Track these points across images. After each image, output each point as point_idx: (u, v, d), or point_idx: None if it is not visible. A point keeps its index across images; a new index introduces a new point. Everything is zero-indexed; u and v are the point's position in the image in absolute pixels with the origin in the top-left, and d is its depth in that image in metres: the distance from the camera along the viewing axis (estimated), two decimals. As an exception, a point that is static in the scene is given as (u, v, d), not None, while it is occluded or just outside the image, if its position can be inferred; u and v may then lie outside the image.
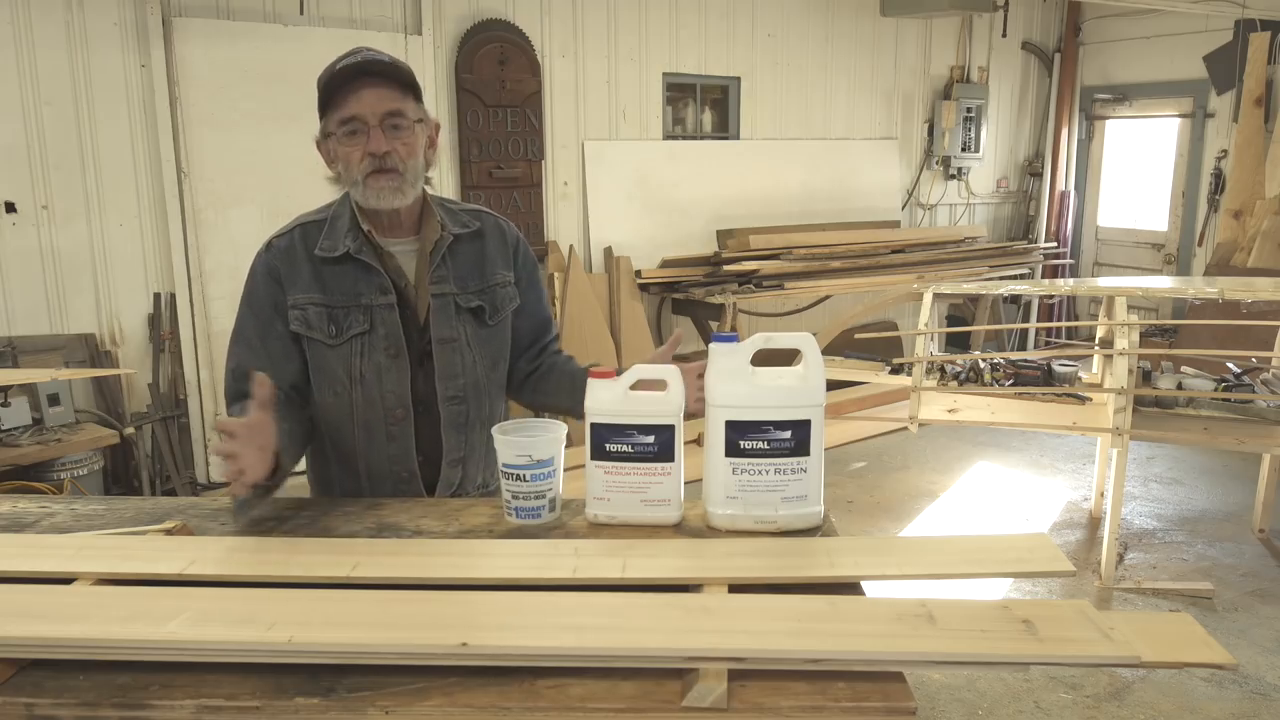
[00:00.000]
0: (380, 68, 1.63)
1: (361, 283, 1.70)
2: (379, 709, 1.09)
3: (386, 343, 1.71)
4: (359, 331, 1.70)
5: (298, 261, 1.71)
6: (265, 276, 1.72)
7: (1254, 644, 3.29)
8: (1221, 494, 4.73)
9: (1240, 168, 6.44)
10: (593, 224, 5.79)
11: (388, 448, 1.75)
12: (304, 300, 1.70)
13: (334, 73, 1.62)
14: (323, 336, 1.70)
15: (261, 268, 1.73)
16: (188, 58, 4.46)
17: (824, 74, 6.64)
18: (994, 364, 4.05)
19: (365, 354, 1.71)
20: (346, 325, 1.70)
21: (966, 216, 7.60)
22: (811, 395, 1.51)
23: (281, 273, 1.71)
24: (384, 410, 1.73)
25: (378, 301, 1.70)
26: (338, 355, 1.71)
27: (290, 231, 1.74)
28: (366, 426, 1.74)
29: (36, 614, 1.23)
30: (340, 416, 1.74)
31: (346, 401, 1.73)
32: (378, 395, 1.72)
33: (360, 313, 1.70)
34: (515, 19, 5.34)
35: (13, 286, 4.25)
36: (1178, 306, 6.74)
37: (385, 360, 1.71)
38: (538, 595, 1.28)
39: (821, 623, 1.20)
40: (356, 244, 1.69)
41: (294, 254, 1.71)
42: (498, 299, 1.81)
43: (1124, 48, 7.33)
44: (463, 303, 1.76)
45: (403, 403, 1.73)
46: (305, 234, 1.73)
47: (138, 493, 4.40)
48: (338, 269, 1.70)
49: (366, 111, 1.62)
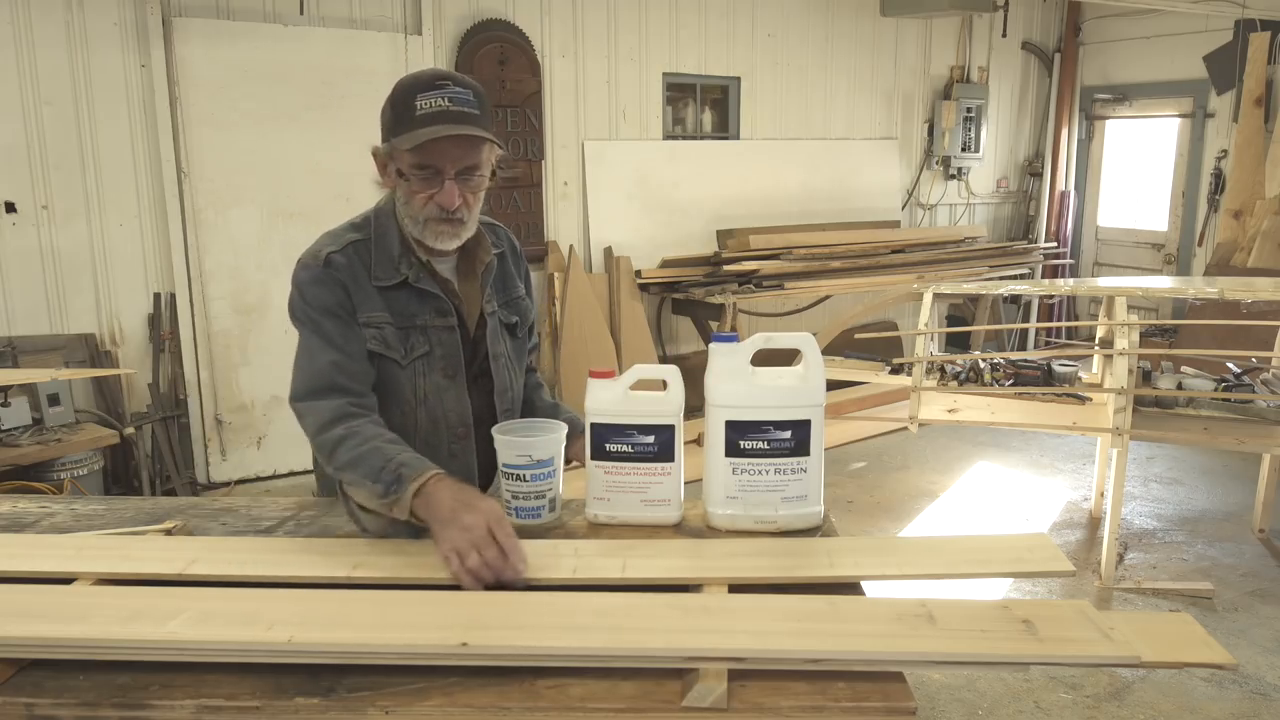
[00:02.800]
0: (469, 118, 1.57)
1: (415, 304, 1.68)
2: (379, 709, 1.09)
3: (444, 363, 1.71)
4: (422, 353, 1.69)
5: (360, 280, 1.66)
6: (334, 285, 1.64)
7: (1254, 644, 3.29)
8: (1221, 494, 4.73)
9: (1240, 168, 6.43)
10: (593, 224, 5.79)
11: (449, 466, 1.71)
12: (378, 319, 1.66)
13: (421, 113, 1.55)
14: (397, 356, 1.68)
15: (326, 279, 1.64)
16: (188, 58, 4.46)
17: (824, 74, 6.64)
18: (994, 364, 4.05)
19: (426, 374, 1.70)
20: (410, 346, 1.69)
21: (966, 216, 7.59)
22: (811, 395, 1.51)
23: (349, 288, 1.65)
24: (447, 429, 1.73)
25: (435, 323, 1.69)
26: (405, 375, 1.69)
27: (344, 248, 1.67)
28: (430, 446, 1.72)
29: (36, 614, 1.23)
30: (405, 436, 1.70)
31: (412, 421, 1.71)
32: (441, 415, 1.72)
33: (419, 334, 1.69)
34: (515, 19, 5.34)
35: (13, 286, 4.25)
36: (1178, 306, 6.74)
37: (443, 381, 1.71)
38: (538, 595, 1.28)
39: (821, 623, 1.20)
40: (414, 272, 1.67)
41: (356, 272, 1.66)
42: (522, 312, 1.84)
43: (1124, 48, 7.33)
44: (503, 319, 1.79)
45: (464, 421, 1.74)
46: (358, 253, 1.68)
47: (138, 493, 4.40)
48: (395, 293, 1.68)
49: (446, 164, 1.58)
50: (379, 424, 1.60)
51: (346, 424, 1.55)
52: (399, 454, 1.50)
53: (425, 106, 1.55)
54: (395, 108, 1.59)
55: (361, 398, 1.62)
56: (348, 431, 1.54)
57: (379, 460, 1.49)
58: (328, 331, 1.63)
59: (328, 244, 1.68)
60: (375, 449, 1.51)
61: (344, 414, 1.57)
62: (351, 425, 1.55)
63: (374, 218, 1.71)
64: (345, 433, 1.54)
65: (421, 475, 1.45)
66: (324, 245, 1.68)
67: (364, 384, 1.63)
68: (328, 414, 1.57)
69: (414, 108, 1.56)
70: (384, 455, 1.49)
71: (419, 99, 1.56)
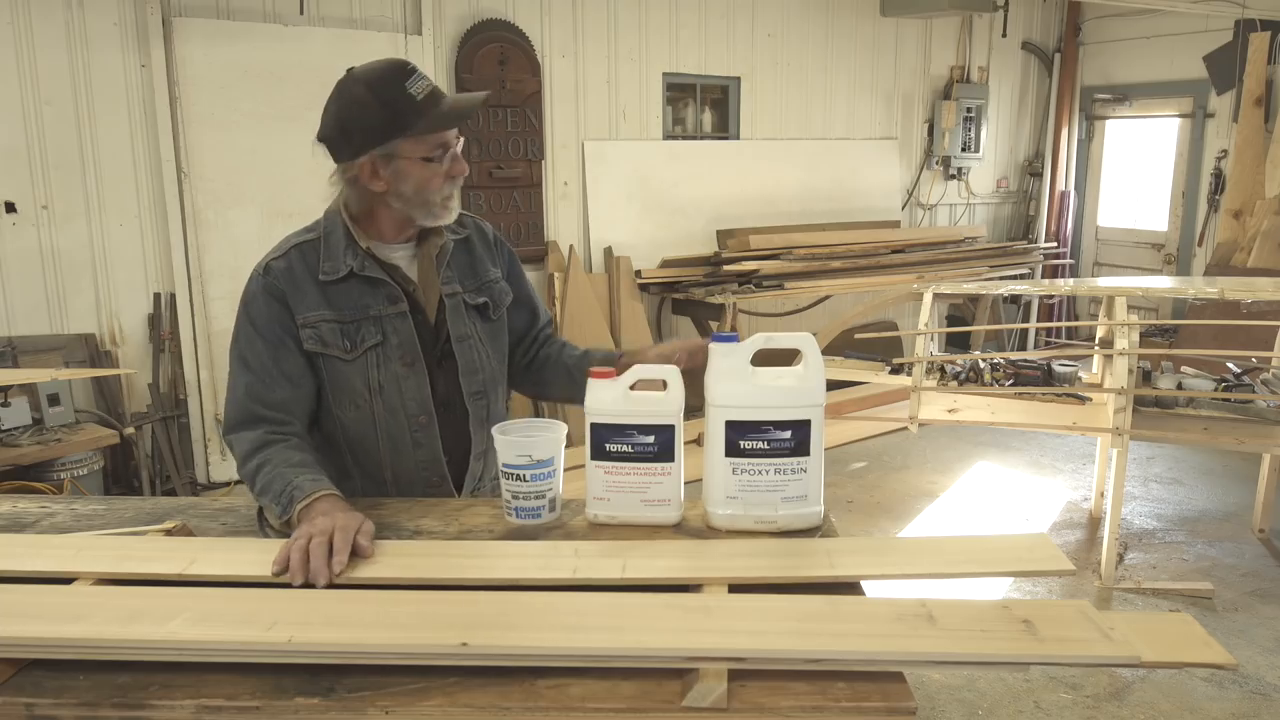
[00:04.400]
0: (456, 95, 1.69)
1: (368, 295, 1.70)
2: (379, 709, 1.09)
3: (401, 351, 1.71)
4: (373, 344, 1.70)
5: (300, 281, 1.68)
6: (268, 299, 1.68)
7: (1254, 644, 3.29)
8: (1221, 494, 4.73)
9: (1240, 168, 6.43)
10: (593, 224, 5.79)
11: (414, 454, 1.75)
12: (315, 318, 1.68)
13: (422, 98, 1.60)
14: (339, 352, 1.69)
15: (262, 291, 1.68)
16: (188, 58, 4.46)
17: (824, 74, 6.64)
18: (994, 364, 4.05)
19: (381, 365, 1.71)
20: (360, 338, 1.69)
21: (966, 216, 7.59)
22: (811, 395, 1.51)
23: (286, 293, 1.68)
24: (407, 418, 1.73)
25: (388, 311, 1.70)
26: (355, 369, 1.70)
27: (286, 253, 1.71)
28: (390, 436, 1.74)
29: (36, 614, 1.23)
30: (363, 429, 1.74)
31: (368, 414, 1.72)
32: (399, 404, 1.72)
33: (371, 325, 1.70)
34: (515, 19, 5.34)
35: (13, 286, 4.25)
36: (1178, 306, 6.75)
37: (401, 369, 1.72)
38: (538, 595, 1.28)
39: (821, 623, 1.20)
40: (359, 261, 1.69)
41: (295, 274, 1.69)
42: (495, 294, 1.84)
43: (1124, 48, 7.33)
44: (469, 300, 1.79)
45: (425, 409, 1.74)
46: (303, 254, 1.71)
47: (138, 493, 4.40)
48: (343, 286, 1.69)
49: (452, 137, 1.65)
50: (296, 446, 1.62)
51: (262, 453, 1.60)
52: (297, 476, 1.53)
53: (419, 91, 1.60)
54: (389, 105, 1.60)
55: (281, 425, 1.65)
56: (262, 460, 1.59)
57: (280, 484, 1.53)
58: (250, 356, 1.68)
59: (274, 251, 1.72)
60: (279, 474, 1.55)
61: (261, 444, 1.61)
62: (266, 454, 1.59)
63: (324, 218, 1.74)
64: (260, 461, 1.59)
65: (310, 495, 1.49)
66: (271, 253, 1.73)
67: (283, 409, 1.66)
68: (248, 445, 1.62)
69: (412, 97, 1.59)
70: (285, 479, 1.53)
71: (408, 88, 1.60)
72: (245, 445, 1.62)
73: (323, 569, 1.33)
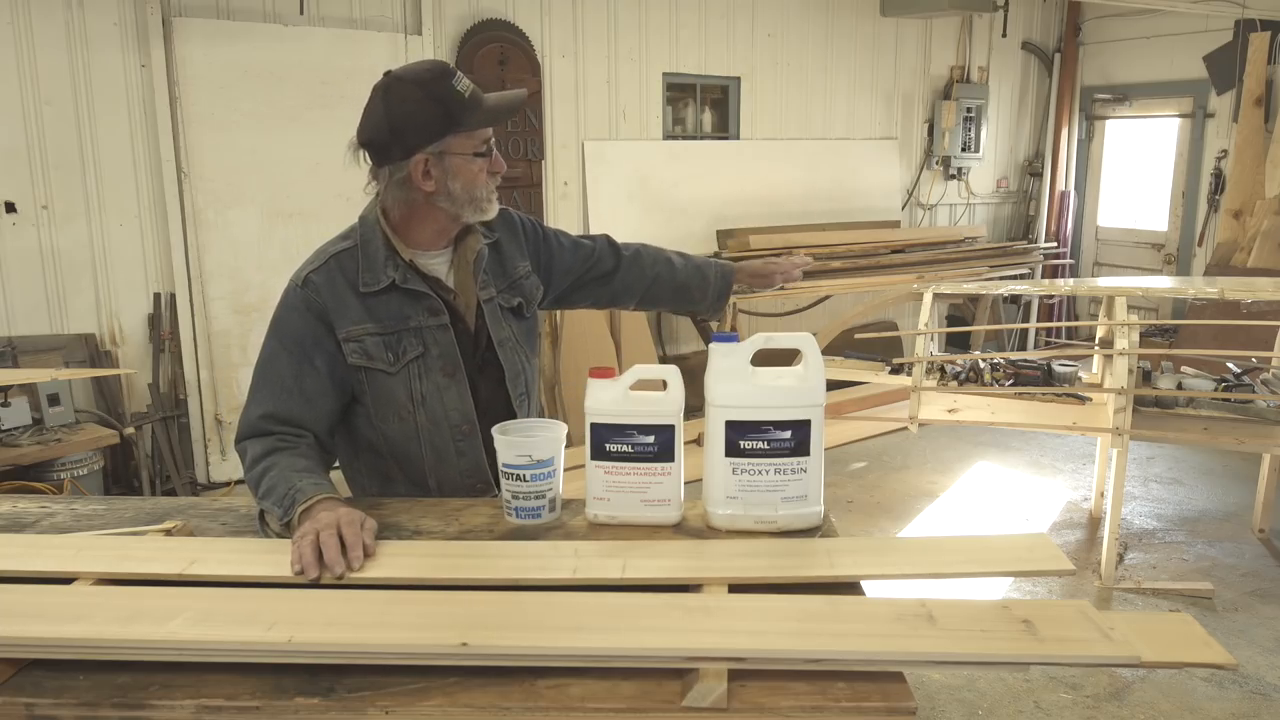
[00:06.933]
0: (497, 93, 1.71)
1: (409, 307, 1.69)
2: (379, 709, 1.09)
3: (442, 362, 1.71)
4: (415, 355, 1.69)
5: (341, 293, 1.67)
6: (305, 312, 1.66)
7: (1254, 644, 3.29)
8: (1221, 494, 4.73)
9: (1240, 168, 6.43)
10: (593, 224, 5.78)
11: (458, 464, 1.75)
12: (358, 331, 1.67)
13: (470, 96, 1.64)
14: (383, 365, 1.68)
15: (300, 303, 1.67)
16: (188, 58, 4.46)
17: (824, 74, 6.64)
18: (994, 364, 4.05)
19: (423, 376, 1.70)
20: (401, 350, 1.69)
21: (966, 216, 7.59)
22: (811, 395, 1.51)
23: (327, 307, 1.66)
24: (450, 428, 1.73)
25: (429, 323, 1.70)
26: (398, 382, 1.70)
27: (325, 264, 1.69)
28: (434, 447, 1.73)
29: (36, 614, 1.23)
30: (407, 441, 1.73)
31: (412, 425, 1.72)
32: (442, 415, 1.72)
33: (412, 336, 1.69)
34: (515, 19, 5.34)
35: (13, 286, 4.25)
36: (1178, 306, 6.75)
37: (443, 379, 1.71)
38: (538, 595, 1.28)
39: (821, 623, 1.20)
40: (400, 273, 1.68)
41: (335, 287, 1.67)
42: (526, 291, 1.84)
43: (1124, 48, 7.33)
44: (504, 303, 1.79)
45: (467, 418, 1.74)
46: (341, 265, 1.69)
47: (138, 493, 4.40)
48: (383, 298, 1.68)
49: (492, 135, 1.70)
50: (303, 453, 1.61)
51: (268, 459, 1.59)
52: (300, 480, 1.52)
53: (464, 89, 1.64)
54: (442, 102, 1.62)
55: (293, 437, 1.64)
56: (268, 465, 1.58)
57: (284, 487, 1.52)
58: (272, 371, 1.66)
59: (312, 262, 1.71)
60: (283, 478, 1.54)
61: (269, 450, 1.60)
62: (272, 459, 1.59)
63: (359, 225, 1.73)
64: (266, 466, 1.58)
65: (311, 498, 1.48)
66: (309, 264, 1.71)
67: (297, 424, 1.64)
68: (256, 451, 1.61)
69: (460, 94, 1.63)
70: (288, 483, 1.52)
71: (456, 86, 1.63)
72: (253, 451, 1.62)
73: (338, 559, 1.33)
